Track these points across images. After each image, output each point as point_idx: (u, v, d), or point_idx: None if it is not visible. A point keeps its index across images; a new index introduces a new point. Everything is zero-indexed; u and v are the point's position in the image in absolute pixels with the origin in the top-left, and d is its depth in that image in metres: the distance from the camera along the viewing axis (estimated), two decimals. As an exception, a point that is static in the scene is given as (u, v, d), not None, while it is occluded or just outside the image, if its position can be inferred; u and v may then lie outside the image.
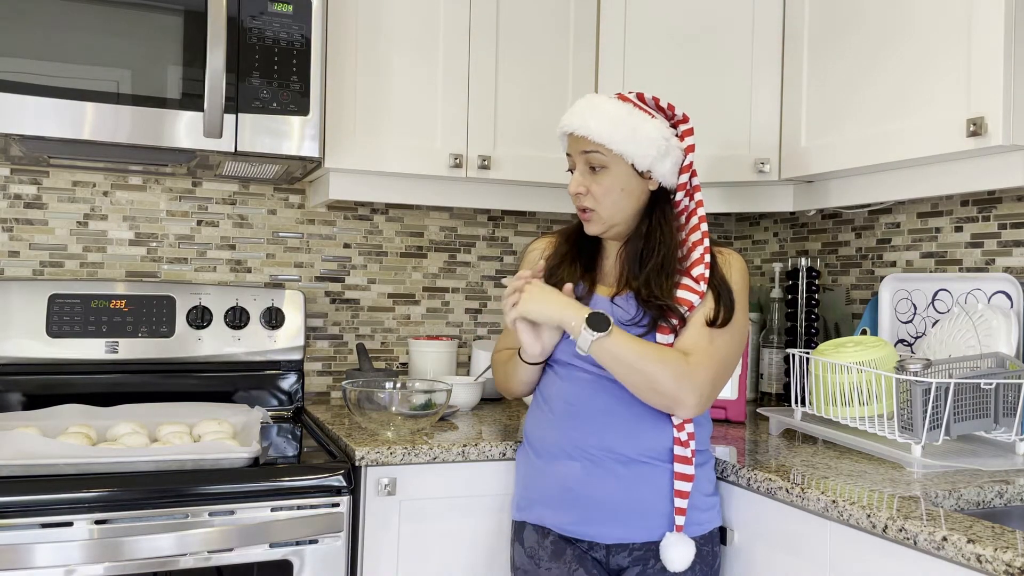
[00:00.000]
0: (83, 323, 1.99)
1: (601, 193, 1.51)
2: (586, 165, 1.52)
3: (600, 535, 1.49)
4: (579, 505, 1.50)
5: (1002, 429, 1.61)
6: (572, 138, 1.53)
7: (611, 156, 1.50)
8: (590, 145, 1.50)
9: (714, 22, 2.10)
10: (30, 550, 1.37)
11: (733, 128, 2.08)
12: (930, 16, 1.65)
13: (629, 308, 1.52)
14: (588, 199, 1.52)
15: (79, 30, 1.67)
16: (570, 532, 1.51)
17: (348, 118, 1.99)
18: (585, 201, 1.53)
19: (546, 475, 1.54)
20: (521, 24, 2.15)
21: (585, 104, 1.53)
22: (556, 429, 1.54)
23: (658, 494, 1.48)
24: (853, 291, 2.26)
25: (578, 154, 1.52)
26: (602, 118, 1.49)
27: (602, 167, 1.51)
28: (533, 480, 1.57)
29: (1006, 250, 1.86)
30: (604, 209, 1.52)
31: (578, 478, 1.50)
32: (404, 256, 2.43)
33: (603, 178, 1.51)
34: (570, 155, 1.55)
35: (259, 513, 1.52)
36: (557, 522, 1.52)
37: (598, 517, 1.49)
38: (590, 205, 1.53)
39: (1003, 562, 1.04)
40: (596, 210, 1.53)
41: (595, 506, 1.49)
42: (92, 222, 2.14)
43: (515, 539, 1.60)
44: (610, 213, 1.53)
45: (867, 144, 1.77)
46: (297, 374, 2.18)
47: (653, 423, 1.49)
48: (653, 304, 1.48)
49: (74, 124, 1.68)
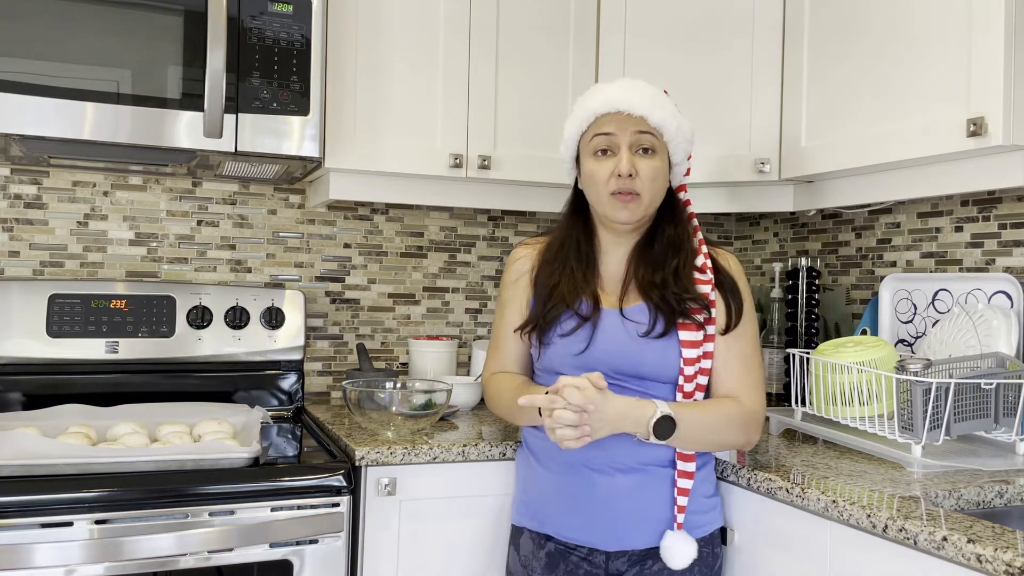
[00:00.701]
0: (83, 323, 1.99)
1: (650, 177, 1.45)
2: (637, 148, 1.45)
3: (602, 543, 1.47)
4: (581, 513, 1.47)
5: (1002, 429, 1.61)
6: (620, 117, 1.45)
7: (661, 143, 1.46)
8: (646, 126, 1.45)
9: (714, 22, 2.10)
10: (30, 550, 1.37)
11: (733, 128, 2.08)
12: (930, 16, 1.65)
13: (641, 318, 1.47)
14: (638, 181, 1.44)
15: (79, 30, 1.67)
16: (571, 539, 1.49)
17: (348, 118, 1.99)
18: (634, 184, 1.44)
19: (547, 482, 1.52)
20: (521, 24, 2.15)
21: (629, 84, 1.47)
22: None
23: (660, 501, 1.46)
24: (853, 291, 2.26)
25: (630, 133, 1.44)
26: (660, 103, 1.45)
27: (652, 151, 1.46)
28: (533, 486, 1.55)
29: (1006, 250, 1.86)
30: (648, 194, 1.46)
31: (580, 487, 1.47)
32: (404, 256, 2.43)
33: (652, 162, 1.45)
34: (609, 134, 1.45)
35: (259, 513, 1.52)
36: (557, 529, 1.50)
37: (600, 525, 1.46)
38: (638, 188, 1.44)
39: (1003, 562, 1.04)
40: (642, 195, 1.45)
41: (597, 514, 1.46)
42: (92, 222, 2.14)
43: (512, 543, 1.59)
44: (651, 200, 1.47)
45: (867, 144, 1.77)
46: (297, 374, 2.18)
47: None
48: (679, 301, 1.43)
49: (74, 124, 1.68)
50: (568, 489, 1.48)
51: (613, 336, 1.47)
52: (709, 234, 2.75)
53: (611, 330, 1.48)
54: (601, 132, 1.46)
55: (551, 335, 1.49)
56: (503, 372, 1.60)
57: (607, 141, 1.46)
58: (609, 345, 1.46)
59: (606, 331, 1.47)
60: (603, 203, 1.47)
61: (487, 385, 1.62)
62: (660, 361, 1.45)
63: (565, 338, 1.48)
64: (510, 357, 1.60)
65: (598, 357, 1.47)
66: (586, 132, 1.50)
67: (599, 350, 1.47)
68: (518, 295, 1.58)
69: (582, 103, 1.50)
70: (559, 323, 1.48)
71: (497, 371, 1.60)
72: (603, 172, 1.45)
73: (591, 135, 1.48)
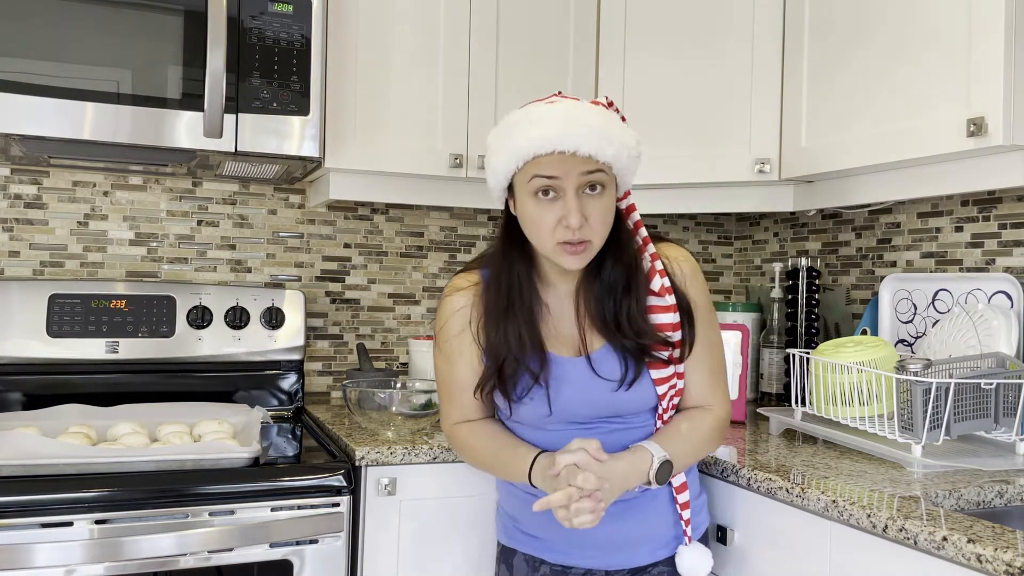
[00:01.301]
0: (83, 323, 1.99)
1: (601, 221, 1.28)
2: (584, 188, 1.27)
3: (602, 563, 1.42)
4: (577, 540, 1.41)
5: (1002, 429, 1.61)
6: (563, 157, 1.24)
7: (610, 176, 1.29)
8: (595, 165, 1.26)
9: (714, 23, 2.10)
10: (30, 550, 1.37)
11: (733, 128, 2.08)
12: (930, 17, 1.65)
13: (611, 363, 1.35)
14: (587, 229, 1.26)
15: (79, 30, 1.67)
16: (569, 563, 1.42)
17: (348, 118, 1.99)
18: (584, 233, 1.26)
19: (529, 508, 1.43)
20: (521, 24, 2.15)
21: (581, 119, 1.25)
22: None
23: (659, 518, 1.42)
24: (853, 291, 2.26)
25: (576, 175, 1.25)
26: (607, 133, 1.26)
27: (601, 188, 1.28)
28: (522, 512, 1.46)
29: (1006, 250, 1.86)
30: (599, 238, 1.29)
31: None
32: (404, 256, 2.43)
33: (601, 201, 1.28)
34: (552, 177, 1.25)
35: (259, 513, 1.52)
36: (554, 557, 1.43)
37: (599, 549, 1.41)
38: (588, 236, 1.27)
39: (1003, 562, 1.04)
40: (592, 240, 1.28)
41: (597, 538, 1.41)
42: (92, 222, 2.14)
43: (502, 561, 1.51)
44: (600, 241, 1.30)
45: (867, 144, 1.77)
46: (297, 374, 2.18)
47: None
48: (640, 348, 1.33)
49: (74, 124, 1.68)
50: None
51: (580, 388, 1.36)
52: (709, 234, 2.75)
53: (578, 383, 1.36)
54: (542, 174, 1.25)
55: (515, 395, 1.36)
56: (467, 421, 1.45)
57: (549, 183, 1.25)
58: (576, 397, 1.36)
59: (572, 384, 1.36)
60: (548, 250, 1.29)
61: (453, 436, 1.46)
62: (638, 400, 1.37)
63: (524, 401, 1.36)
64: (471, 407, 1.44)
65: (570, 410, 1.36)
66: (522, 169, 1.28)
67: (569, 404, 1.36)
68: (465, 348, 1.40)
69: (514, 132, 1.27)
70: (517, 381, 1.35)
71: (460, 421, 1.45)
72: (548, 219, 1.26)
73: (529, 174, 1.26)
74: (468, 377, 1.42)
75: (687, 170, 2.11)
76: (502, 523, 1.52)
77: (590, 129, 1.24)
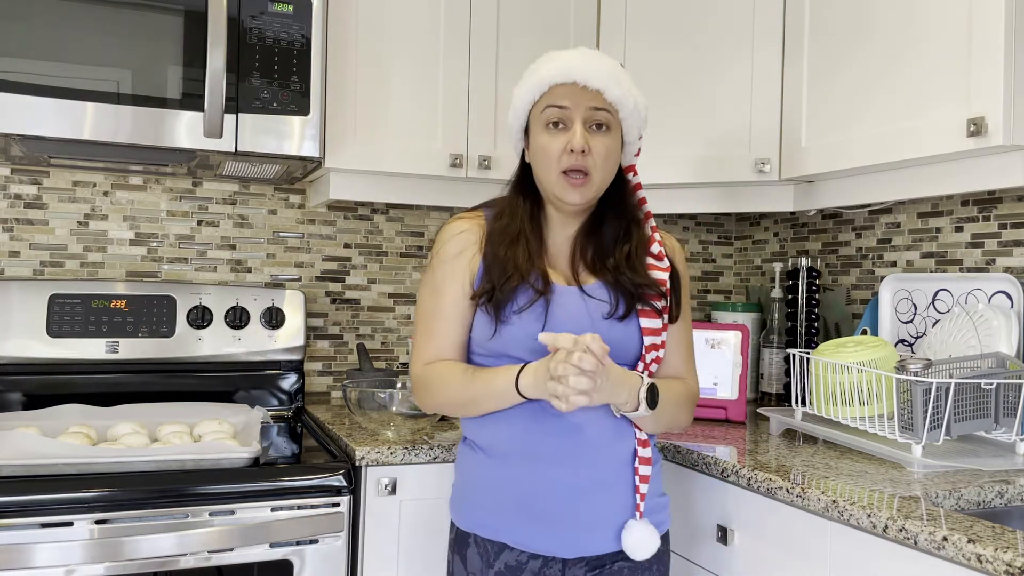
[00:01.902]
0: (83, 323, 1.99)
1: (603, 156, 1.36)
2: (591, 124, 1.36)
3: (562, 549, 1.34)
4: (540, 517, 1.34)
5: (1002, 429, 1.61)
6: (576, 89, 1.35)
7: (615, 120, 1.38)
8: (602, 102, 1.36)
9: (714, 23, 2.10)
10: (30, 550, 1.37)
11: (733, 128, 2.08)
12: (931, 17, 1.65)
13: (603, 297, 1.38)
14: (590, 160, 1.35)
15: (79, 30, 1.67)
16: (528, 548, 1.35)
17: (348, 118, 1.99)
18: (586, 161, 1.35)
19: (501, 481, 1.37)
20: (521, 24, 2.15)
21: (595, 56, 1.37)
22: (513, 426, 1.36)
23: (620, 503, 1.37)
24: (853, 291, 2.26)
25: (584, 108, 1.35)
26: (618, 77, 1.36)
27: (607, 128, 1.37)
28: (484, 485, 1.39)
29: (1006, 250, 1.86)
30: (599, 174, 1.37)
31: (538, 484, 1.34)
32: (404, 256, 2.43)
33: (606, 140, 1.36)
34: (563, 107, 1.36)
35: (259, 513, 1.52)
36: (515, 537, 1.36)
37: (561, 530, 1.34)
38: (589, 167, 1.35)
39: (1003, 562, 1.04)
40: (592, 175, 1.36)
41: (558, 518, 1.34)
42: (92, 222, 2.14)
43: (455, 550, 1.42)
44: (602, 181, 1.38)
45: (868, 144, 1.77)
46: (297, 374, 2.18)
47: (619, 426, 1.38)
48: (636, 287, 1.37)
49: (74, 124, 1.68)
50: (525, 488, 1.35)
51: (574, 314, 1.37)
52: (709, 234, 2.75)
53: (571, 308, 1.37)
54: (555, 104, 1.36)
55: (507, 311, 1.35)
56: (440, 361, 1.41)
57: (560, 114, 1.36)
58: (569, 324, 1.36)
59: (566, 308, 1.37)
60: (552, 181, 1.37)
61: (423, 377, 1.41)
62: (622, 344, 1.37)
63: (520, 314, 1.34)
64: (448, 343, 1.40)
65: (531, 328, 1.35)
66: (538, 102, 1.39)
67: (563, 324, 1.35)
68: (458, 272, 1.40)
69: (535, 70, 1.40)
70: (515, 298, 1.35)
71: (432, 360, 1.41)
72: (555, 147, 1.36)
73: (543, 106, 1.37)
74: (451, 308, 1.40)
75: (687, 170, 2.11)
76: (458, 505, 1.43)
77: (600, 67, 1.36)
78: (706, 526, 1.63)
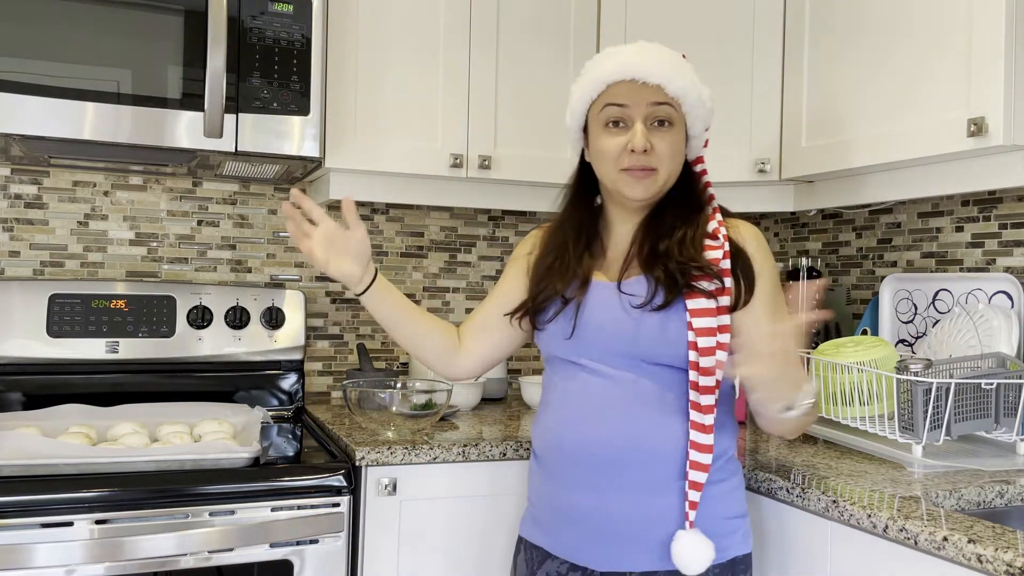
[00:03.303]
0: (83, 323, 1.99)
1: (667, 151, 1.32)
2: (652, 119, 1.32)
3: (594, 561, 1.31)
4: (575, 525, 1.32)
5: (1003, 429, 1.61)
6: (635, 86, 1.31)
7: (679, 114, 1.34)
8: (664, 96, 1.32)
9: (715, 23, 2.10)
10: (30, 550, 1.37)
11: (733, 128, 2.08)
12: (931, 16, 1.65)
13: (639, 290, 1.32)
14: (654, 157, 1.32)
15: (79, 30, 1.67)
16: (561, 555, 1.34)
17: (348, 118, 1.98)
18: (650, 159, 1.32)
19: (544, 487, 1.38)
20: (522, 24, 2.15)
21: (654, 50, 1.34)
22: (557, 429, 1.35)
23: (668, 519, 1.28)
24: (854, 291, 2.26)
25: (645, 105, 1.31)
26: (680, 70, 1.33)
27: (669, 123, 1.33)
28: (533, 489, 1.42)
29: (1007, 250, 1.86)
30: (665, 170, 1.33)
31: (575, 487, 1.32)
32: (404, 256, 2.43)
33: (670, 135, 1.33)
34: (623, 105, 1.32)
35: (259, 513, 1.52)
36: (554, 545, 1.35)
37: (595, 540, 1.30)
38: (654, 163, 1.32)
39: (1004, 562, 1.04)
40: (659, 170, 1.33)
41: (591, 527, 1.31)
42: (92, 222, 2.14)
43: (516, 553, 1.47)
44: (668, 175, 1.34)
45: (868, 144, 1.77)
46: (297, 374, 2.18)
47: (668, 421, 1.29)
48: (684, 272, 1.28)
49: (75, 124, 1.68)
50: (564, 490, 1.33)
51: (605, 309, 1.33)
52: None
53: (603, 303, 1.34)
54: (613, 102, 1.33)
55: (542, 319, 1.39)
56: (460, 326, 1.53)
57: (620, 112, 1.32)
58: (599, 319, 1.33)
59: (597, 304, 1.34)
60: (613, 179, 1.35)
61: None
62: (659, 337, 1.28)
63: (551, 323, 1.38)
64: (477, 320, 1.51)
65: (590, 337, 1.33)
66: (596, 101, 1.36)
67: (590, 328, 1.33)
68: (514, 272, 1.49)
69: (592, 68, 1.36)
70: (549, 308, 1.38)
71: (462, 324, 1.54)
72: (614, 147, 1.32)
73: (601, 104, 1.34)
74: (498, 296, 1.50)
75: (687, 170, 2.11)
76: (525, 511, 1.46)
77: (660, 60, 1.32)
78: (706, 526, 1.63)
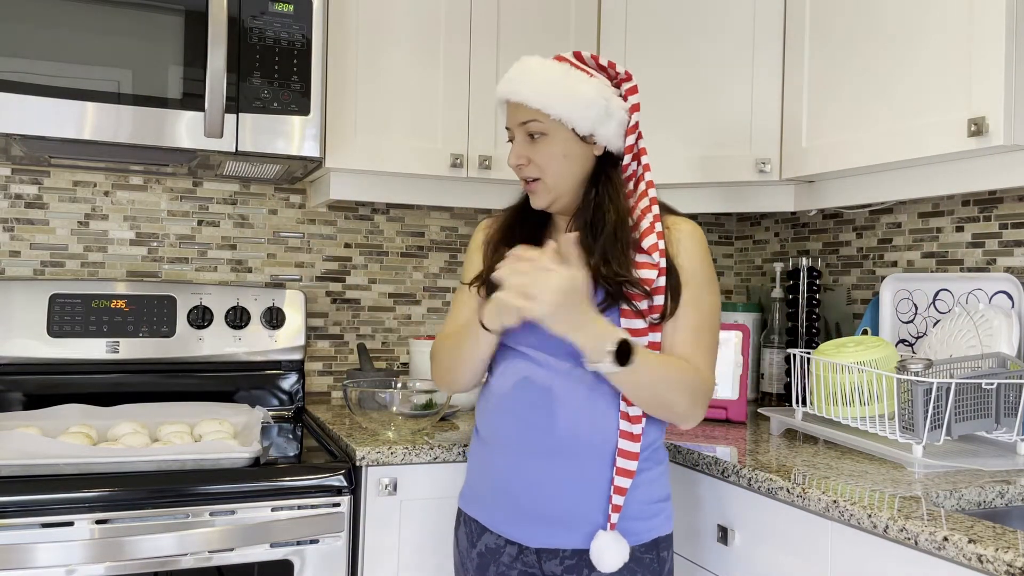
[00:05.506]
0: (84, 323, 1.99)
1: (544, 161, 1.40)
2: (525, 134, 1.41)
3: (528, 538, 1.37)
4: (510, 503, 1.38)
5: (1003, 429, 1.61)
6: (510, 107, 1.43)
7: (549, 122, 1.39)
8: (527, 113, 1.39)
9: (715, 24, 2.10)
10: (31, 550, 1.37)
11: (734, 128, 2.08)
12: (931, 17, 1.65)
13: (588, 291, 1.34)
14: (531, 168, 1.41)
15: (80, 30, 1.67)
16: (496, 530, 1.40)
17: (349, 118, 1.99)
18: (528, 171, 1.42)
19: (485, 465, 1.43)
20: (522, 23, 2.15)
21: (519, 69, 1.42)
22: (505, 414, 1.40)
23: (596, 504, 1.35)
24: (854, 291, 2.26)
25: (517, 123, 1.42)
26: (536, 82, 1.38)
27: (542, 135, 1.40)
28: (474, 466, 1.47)
29: (1007, 250, 1.86)
30: (549, 178, 1.41)
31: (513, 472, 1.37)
32: (405, 256, 2.43)
33: (544, 146, 1.40)
34: (508, 126, 1.45)
35: (260, 513, 1.52)
36: (491, 521, 1.41)
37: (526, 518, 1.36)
38: (534, 174, 1.41)
39: (1004, 562, 1.04)
40: (542, 179, 1.41)
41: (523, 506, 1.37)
42: (93, 222, 2.14)
43: (455, 528, 1.51)
44: (555, 182, 1.41)
45: (868, 144, 1.77)
46: (298, 374, 2.18)
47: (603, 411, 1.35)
48: (614, 282, 1.33)
49: (75, 124, 1.68)
50: (503, 475, 1.39)
51: None
52: (709, 234, 2.75)
53: None
54: (506, 125, 1.46)
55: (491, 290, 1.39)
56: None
57: (509, 132, 1.46)
58: None
59: None
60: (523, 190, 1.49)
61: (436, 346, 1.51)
62: None
63: None
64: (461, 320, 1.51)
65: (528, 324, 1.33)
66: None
67: None
68: (473, 267, 1.52)
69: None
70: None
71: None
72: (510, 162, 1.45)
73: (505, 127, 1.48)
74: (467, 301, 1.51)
75: (688, 170, 2.11)
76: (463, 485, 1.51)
77: (525, 78, 1.40)
78: (707, 526, 1.63)
